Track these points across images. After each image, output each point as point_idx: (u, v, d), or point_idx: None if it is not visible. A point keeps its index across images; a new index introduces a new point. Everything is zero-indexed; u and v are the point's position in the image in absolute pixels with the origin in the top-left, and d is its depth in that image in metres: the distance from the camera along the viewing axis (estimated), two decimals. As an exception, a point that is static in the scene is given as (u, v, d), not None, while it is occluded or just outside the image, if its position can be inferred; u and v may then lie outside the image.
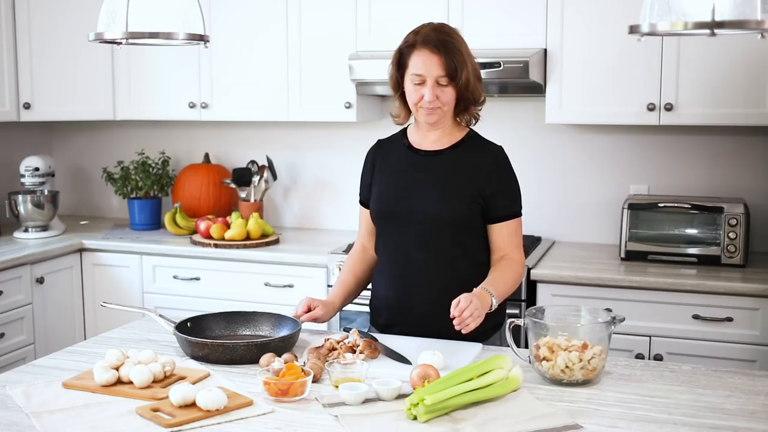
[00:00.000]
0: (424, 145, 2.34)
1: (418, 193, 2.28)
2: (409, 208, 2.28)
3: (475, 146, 2.32)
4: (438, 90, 2.19)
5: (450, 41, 2.18)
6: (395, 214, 2.31)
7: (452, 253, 2.28)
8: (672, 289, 3.06)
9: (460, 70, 2.17)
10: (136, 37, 2.12)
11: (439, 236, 2.27)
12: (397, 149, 2.38)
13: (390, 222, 2.33)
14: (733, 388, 1.92)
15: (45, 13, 3.94)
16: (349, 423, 1.71)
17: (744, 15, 1.68)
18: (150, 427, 1.70)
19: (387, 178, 2.36)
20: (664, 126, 3.40)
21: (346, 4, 3.67)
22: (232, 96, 3.91)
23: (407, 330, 2.28)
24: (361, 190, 2.47)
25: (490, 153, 2.31)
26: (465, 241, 2.29)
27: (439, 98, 2.20)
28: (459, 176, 2.27)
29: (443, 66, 2.16)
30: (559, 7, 3.36)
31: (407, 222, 2.29)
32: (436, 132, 2.31)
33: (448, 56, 2.16)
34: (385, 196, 2.34)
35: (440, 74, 2.17)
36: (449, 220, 2.26)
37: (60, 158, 4.60)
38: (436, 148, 2.32)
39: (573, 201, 3.78)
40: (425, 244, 2.28)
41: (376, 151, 2.44)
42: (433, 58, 2.17)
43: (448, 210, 2.25)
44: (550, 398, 1.86)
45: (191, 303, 3.68)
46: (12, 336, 3.52)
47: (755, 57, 3.16)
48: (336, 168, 4.14)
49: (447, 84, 2.18)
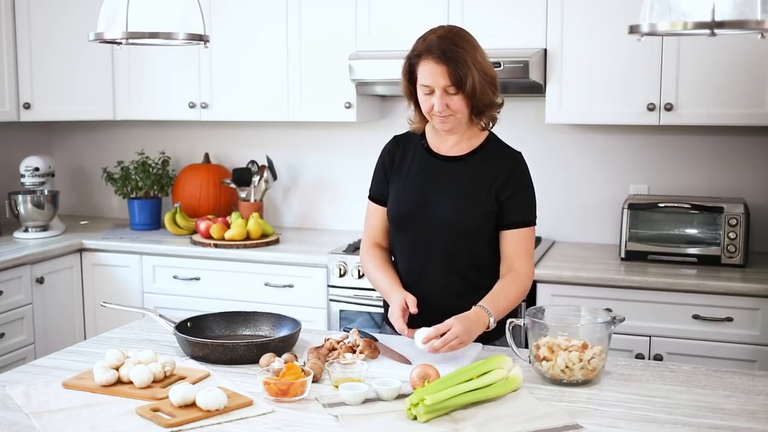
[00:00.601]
0: (443, 149, 2.32)
1: (437, 199, 2.27)
2: (427, 214, 2.27)
3: (495, 152, 2.31)
4: (447, 98, 2.17)
5: (454, 49, 2.14)
6: (412, 220, 2.29)
7: (468, 260, 2.27)
8: (672, 289, 3.06)
9: (465, 79, 2.13)
10: (136, 37, 2.12)
11: (456, 244, 2.26)
12: (414, 150, 2.35)
13: (406, 227, 2.31)
14: (733, 388, 1.92)
15: (45, 13, 3.94)
16: (349, 423, 1.71)
17: (744, 15, 1.68)
18: (150, 427, 1.70)
19: (405, 181, 2.33)
20: (664, 126, 3.40)
21: (346, 4, 3.67)
22: (232, 96, 3.91)
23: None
24: (374, 186, 2.42)
25: (509, 158, 2.30)
26: (481, 249, 2.28)
27: (450, 106, 2.18)
28: (477, 184, 2.26)
29: (449, 76, 2.14)
30: (559, 7, 3.36)
31: (424, 228, 2.27)
32: (455, 136, 2.30)
33: (453, 66, 2.13)
34: (402, 200, 2.31)
35: (447, 84, 2.15)
36: (467, 228, 2.25)
37: (60, 158, 4.60)
38: (455, 153, 2.30)
39: (573, 201, 3.78)
40: (441, 251, 2.27)
41: (393, 148, 2.39)
42: (438, 69, 2.14)
43: (465, 219, 2.24)
44: (550, 398, 1.86)
45: (191, 303, 3.68)
46: (12, 336, 3.52)
47: (755, 57, 3.16)
48: (336, 168, 4.14)
49: (455, 93, 2.16)
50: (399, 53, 3.67)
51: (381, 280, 2.31)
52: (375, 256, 2.37)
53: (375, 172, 2.42)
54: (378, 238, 2.41)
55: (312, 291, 3.54)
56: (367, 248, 2.41)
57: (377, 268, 2.34)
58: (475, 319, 2.11)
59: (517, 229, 2.26)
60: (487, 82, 2.18)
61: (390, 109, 3.98)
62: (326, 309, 3.50)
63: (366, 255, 2.40)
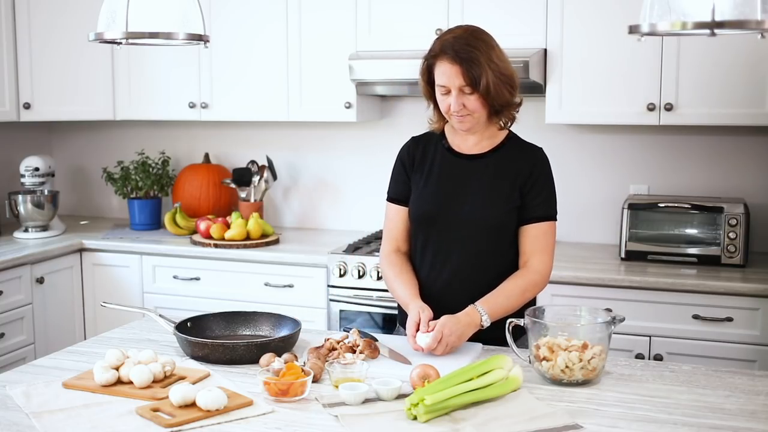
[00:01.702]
0: (465, 148, 2.32)
1: (461, 198, 2.27)
2: (452, 213, 2.27)
3: (516, 148, 2.31)
4: (463, 98, 2.18)
5: (469, 50, 2.15)
6: (437, 219, 2.28)
7: (493, 258, 2.28)
8: (672, 289, 3.06)
9: (480, 79, 2.14)
10: (136, 37, 2.12)
11: (479, 242, 2.26)
12: (435, 150, 2.35)
13: (429, 225, 2.30)
14: (733, 388, 1.92)
15: (45, 13, 3.94)
16: (349, 423, 1.71)
17: (744, 15, 1.68)
18: (150, 427, 1.70)
19: (427, 181, 2.32)
20: (664, 126, 3.40)
21: (346, 4, 3.67)
22: (232, 96, 3.91)
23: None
24: (393, 186, 2.41)
25: (531, 155, 2.30)
26: (506, 246, 2.28)
27: (466, 106, 2.19)
28: (500, 181, 2.26)
29: (463, 76, 2.15)
30: (559, 7, 3.36)
31: (448, 226, 2.27)
32: (475, 135, 2.30)
33: (467, 66, 2.14)
34: (425, 199, 2.31)
35: (462, 84, 2.16)
36: (492, 226, 2.25)
37: (60, 158, 4.60)
38: (476, 151, 2.31)
39: (573, 201, 3.77)
40: (466, 249, 2.27)
41: (413, 149, 2.38)
42: (453, 69, 2.16)
43: (490, 216, 2.25)
44: (550, 398, 1.86)
45: (191, 303, 3.68)
46: (12, 336, 3.52)
47: (755, 57, 3.16)
48: (336, 168, 4.14)
49: (471, 92, 2.17)
50: (399, 53, 3.67)
51: (400, 289, 2.30)
52: (394, 264, 2.35)
53: (394, 172, 2.41)
54: (399, 242, 2.39)
55: (312, 291, 3.54)
56: (386, 254, 2.39)
57: (397, 277, 2.32)
58: (466, 321, 2.12)
59: (537, 224, 2.27)
60: (503, 82, 2.19)
61: (390, 109, 3.98)
62: (326, 309, 3.50)
63: (385, 261, 2.38)
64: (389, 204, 2.41)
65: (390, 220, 2.41)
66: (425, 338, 2.09)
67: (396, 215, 2.39)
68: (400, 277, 2.31)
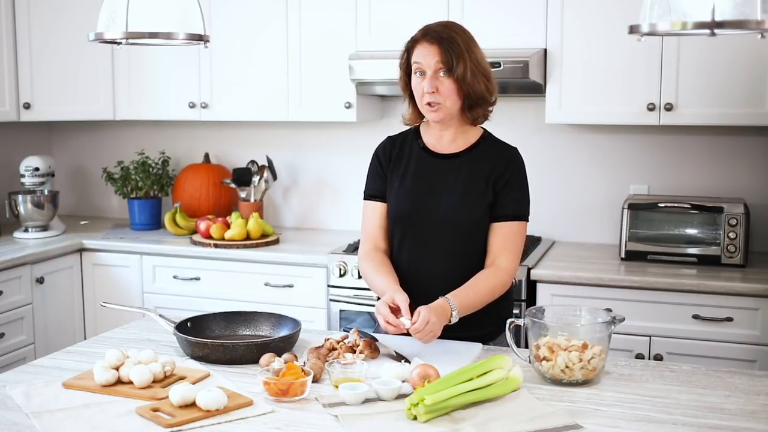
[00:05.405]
0: (440, 147, 2.33)
1: (437, 197, 2.27)
2: (428, 212, 2.27)
3: (491, 147, 2.32)
4: (437, 81, 2.19)
5: (449, 33, 2.19)
6: (413, 217, 2.29)
7: (469, 257, 2.28)
8: (672, 289, 3.06)
9: (457, 62, 2.16)
10: (136, 37, 2.12)
11: (456, 240, 2.27)
12: (411, 150, 2.36)
13: (406, 224, 2.31)
14: (733, 388, 1.92)
15: (45, 13, 3.94)
16: (349, 423, 1.71)
17: (744, 15, 1.68)
18: (150, 427, 1.70)
19: (403, 180, 2.33)
20: (664, 126, 3.40)
21: (346, 4, 3.67)
22: (232, 96, 3.91)
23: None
24: (370, 184, 2.41)
25: (506, 153, 2.31)
26: (481, 245, 2.29)
27: (439, 90, 2.19)
28: (475, 179, 2.27)
29: (440, 56, 2.18)
30: (559, 7, 3.36)
31: (424, 225, 2.28)
32: (449, 132, 2.31)
33: (445, 45, 2.17)
34: (401, 198, 2.32)
35: (438, 64, 2.18)
36: (467, 225, 2.26)
37: (60, 158, 4.60)
38: (452, 150, 2.31)
39: (573, 201, 3.78)
40: (442, 247, 2.27)
41: (389, 147, 2.39)
42: (430, 49, 2.19)
43: (465, 215, 2.25)
44: (550, 398, 1.86)
45: (191, 303, 3.68)
46: (12, 336, 3.52)
47: (755, 57, 3.16)
48: (336, 168, 4.14)
49: (446, 75, 2.19)
50: (399, 53, 3.67)
51: (377, 280, 2.28)
52: (372, 259, 2.34)
53: (370, 171, 2.42)
54: (377, 240, 2.38)
55: (312, 291, 3.54)
56: (364, 252, 2.38)
57: (374, 270, 2.30)
58: (440, 312, 2.11)
59: (506, 222, 2.27)
60: (480, 73, 2.21)
61: (390, 109, 3.98)
62: (326, 309, 3.50)
63: (363, 259, 2.37)
64: (366, 203, 2.41)
65: (367, 219, 2.40)
66: (408, 322, 2.07)
67: (373, 213, 2.39)
68: (377, 270, 2.29)
